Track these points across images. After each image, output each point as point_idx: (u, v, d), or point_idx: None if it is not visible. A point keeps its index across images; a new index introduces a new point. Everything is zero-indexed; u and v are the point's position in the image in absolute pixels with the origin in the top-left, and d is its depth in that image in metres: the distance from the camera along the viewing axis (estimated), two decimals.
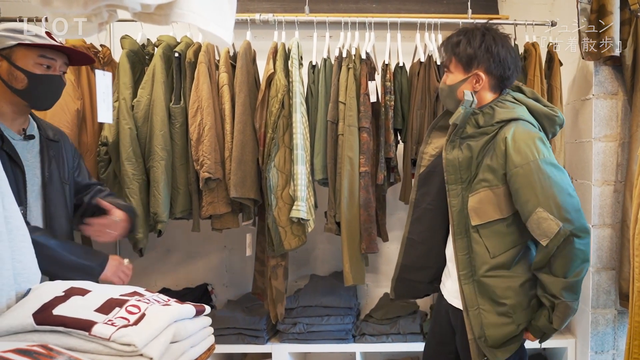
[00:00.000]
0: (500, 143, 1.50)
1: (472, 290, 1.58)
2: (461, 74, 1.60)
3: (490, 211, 1.53)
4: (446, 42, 1.64)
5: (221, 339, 2.43)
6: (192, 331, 1.05)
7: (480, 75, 1.58)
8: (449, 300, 1.70)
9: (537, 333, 1.60)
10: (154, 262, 2.88)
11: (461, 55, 1.58)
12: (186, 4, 1.00)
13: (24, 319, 0.91)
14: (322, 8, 2.69)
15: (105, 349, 0.89)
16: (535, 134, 1.52)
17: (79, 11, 0.97)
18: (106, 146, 2.19)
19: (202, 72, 2.17)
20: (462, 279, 1.59)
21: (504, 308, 1.56)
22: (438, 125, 1.75)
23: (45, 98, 1.57)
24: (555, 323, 1.54)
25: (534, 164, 1.46)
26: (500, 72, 1.58)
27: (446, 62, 1.64)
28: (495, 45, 1.57)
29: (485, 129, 1.55)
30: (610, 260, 2.31)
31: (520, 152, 1.48)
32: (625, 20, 2.15)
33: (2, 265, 0.98)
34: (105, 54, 2.36)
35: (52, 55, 1.53)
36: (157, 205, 2.14)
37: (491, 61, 1.56)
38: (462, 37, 1.59)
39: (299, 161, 2.15)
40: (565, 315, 1.53)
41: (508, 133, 1.50)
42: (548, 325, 1.55)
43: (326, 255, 2.88)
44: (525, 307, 1.58)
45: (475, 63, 1.57)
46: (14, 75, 1.49)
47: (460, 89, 1.59)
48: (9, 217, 1.04)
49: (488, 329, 1.56)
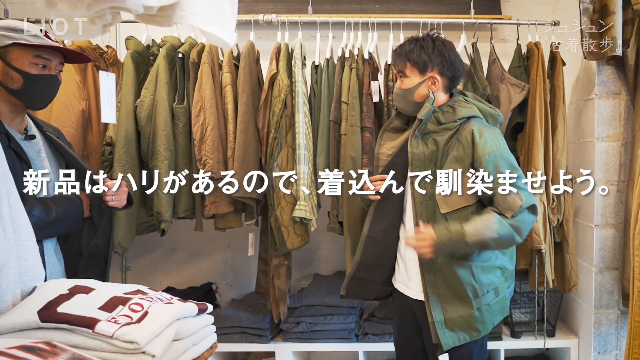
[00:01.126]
0: (467, 135, 1.67)
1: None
2: (417, 77, 1.73)
3: (458, 200, 1.67)
4: (399, 50, 1.77)
5: (225, 338, 2.45)
6: (195, 329, 1.06)
7: (436, 77, 1.73)
8: (414, 296, 1.78)
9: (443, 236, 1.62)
10: (158, 261, 2.90)
11: (416, 60, 1.72)
12: (188, 6, 1.01)
13: (29, 316, 0.93)
14: (325, 9, 2.70)
15: (109, 346, 0.90)
16: (495, 129, 1.74)
17: (82, 13, 0.98)
18: (110, 146, 2.21)
19: (205, 73, 2.19)
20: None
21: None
22: (390, 128, 1.87)
23: (40, 98, 1.56)
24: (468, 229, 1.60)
25: (498, 152, 1.67)
26: (452, 74, 1.75)
27: (401, 68, 1.75)
28: (445, 50, 1.73)
29: (447, 125, 1.70)
30: (613, 260, 2.30)
31: (487, 142, 1.66)
32: (627, 20, 2.14)
33: (8, 264, 1.00)
34: (111, 54, 2.38)
35: (48, 55, 1.52)
36: (160, 204, 2.16)
37: (444, 64, 1.73)
38: (414, 44, 1.73)
39: (301, 161, 2.16)
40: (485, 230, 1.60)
41: (473, 127, 1.67)
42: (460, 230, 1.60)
43: (330, 254, 2.89)
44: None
45: (430, 66, 1.72)
46: (10, 75, 1.48)
47: (418, 91, 1.73)
48: (14, 216, 1.05)
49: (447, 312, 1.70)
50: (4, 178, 1.03)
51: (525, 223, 1.64)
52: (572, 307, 2.59)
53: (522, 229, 1.64)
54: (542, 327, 2.45)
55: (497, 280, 1.73)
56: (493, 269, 1.72)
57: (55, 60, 1.55)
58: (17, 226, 1.06)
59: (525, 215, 1.63)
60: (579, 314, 2.50)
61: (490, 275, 1.72)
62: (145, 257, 2.88)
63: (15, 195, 1.07)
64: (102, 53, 2.35)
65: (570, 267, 2.32)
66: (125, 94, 2.19)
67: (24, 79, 1.49)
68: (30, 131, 1.58)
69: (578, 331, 2.50)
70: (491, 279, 1.72)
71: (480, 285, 1.69)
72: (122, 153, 2.15)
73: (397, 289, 1.86)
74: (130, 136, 2.18)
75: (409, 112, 1.79)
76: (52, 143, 1.62)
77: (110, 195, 1.65)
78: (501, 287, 1.75)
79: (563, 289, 2.36)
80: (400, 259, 1.83)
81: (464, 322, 1.69)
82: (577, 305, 2.53)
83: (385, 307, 2.61)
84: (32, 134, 1.58)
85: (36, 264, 1.11)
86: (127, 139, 2.17)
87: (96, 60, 2.31)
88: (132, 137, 2.19)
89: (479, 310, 1.70)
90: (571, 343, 2.48)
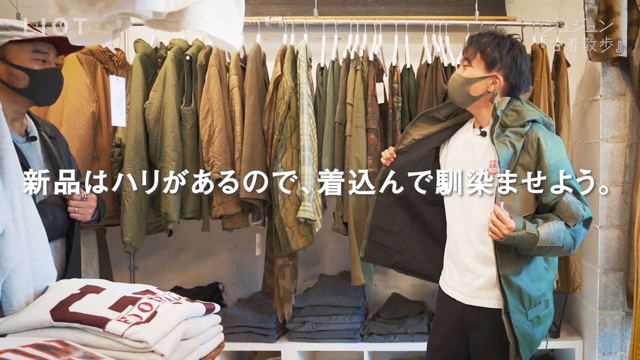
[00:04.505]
0: (533, 142, 1.62)
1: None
2: (482, 71, 1.68)
3: (520, 208, 1.62)
4: (476, 38, 1.72)
5: (231, 337, 2.47)
6: (202, 329, 1.08)
7: (499, 78, 1.68)
8: (465, 301, 1.73)
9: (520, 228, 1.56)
10: (166, 260, 2.93)
11: (487, 54, 1.67)
12: (196, 11, 1.04)
13: (42, 315, 0.95)
14: (330, 11, 2.72)
15: (119, 345, 0.92)
16: (558, 137, 1.71)
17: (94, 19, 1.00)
18: (120, 147, 2.24)
19: (212, 75, 2.21)
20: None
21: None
22: (430, 115, 1.86)
23: (48, 93, 1.54)
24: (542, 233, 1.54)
25: (563, 161, 1.63)
26: (516, 82, 1.70)
27: (469, 55, 1.70)
28: (520, 57, 1.69)
29: (516, 130, 1.63)
30: (618, 261, 2.30)
31: (552, 151, 1.62)
32: (633, 21, 2.14)
33: (21, 264, 1.02)
34: (120, 57, 2.41)
35: (45, 49, 1.49)
36: (167, 205, 2.18)
37: (513, 69, 1.68)
38: (493, 38, 1.69)
39: (306, 162, 2.18)
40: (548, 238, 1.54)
41: (539, 135, 1.62)
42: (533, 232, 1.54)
43: (335, 255, 2.91)
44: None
45: (498, 66, 1.67)
46: (14, 75, 1.45)
47: (476, 85, 1.68)
48: (27, 217, 1.08)
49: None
50: (17, 180, 1.06)
51: (581, 235, 1.61)
52: (577, 308, 2.59)
53: (578, 241, 1.61)
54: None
55: (546, 292, 1.69)
56: (541, 279, 1.67)
57: (51, 52, 1.52)
58: (30, 227, 1.09)
59: (581, 228, 1.61)
60: (583, 315, 2.50)
61: (540, 285, 1.67)
62: (153, 256, 2.91)
63: (27, 196, 1.10)
64: (112, 56, 2.38)
65: (575, 268, 2.32)
66: (134, 96, 2.21)
67: (30, 76, 1.46)
68: (31, 132, 1.55)
69: (583, 332, 2.51)
70: (541, 289, 1.67)
71: (534, 295, 1.64)
72: (132, 154, 2.18)
73: (444, 291, 1.82)
74: (140, 137, 2.21)
75: (457, 102, 1.75)
76: (44, 146, 1.59)
77: (73, 207, 1.54)
78: (550, 299, 1.71)
79: (567, 290, 2.36)
80: (450, 261, 1.80)
81: (527, 335, 1.64)
82: (581, 306, 2.53)
83: (390, 308, 2.63)
84: (33, 135, 1.55)
85: (48, 264, 1.14)
86: (137, 141, 2.20)
87: (106, 63, 2.34)
88: (141, 139, 2.22)
89: (532, 322, 1.65)
90: (576, 344, 2.48)
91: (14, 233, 1.00)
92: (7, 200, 1.01)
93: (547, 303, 1.70)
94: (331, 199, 2.44)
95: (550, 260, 1.71)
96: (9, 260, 0.99)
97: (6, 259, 0.98)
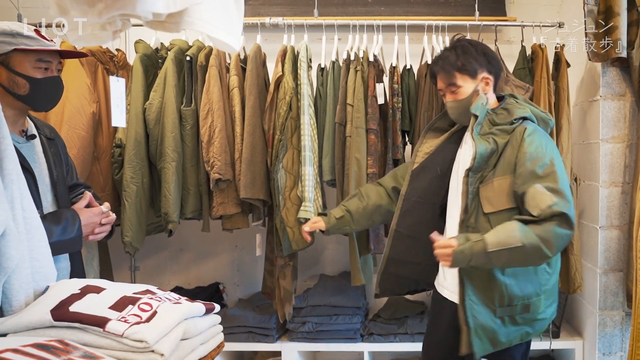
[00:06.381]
0: (518, 136, 1.62)
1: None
2: (470, 83, 1.71)
3: (504, 200, 1.61)
4: (439, 64, 1.73)
5: (232, 337, 2.47)
6: (202, 329, 1.08)
7: (488, 77, 1.72)
8: (451, 298, 1.73)
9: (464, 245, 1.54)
10: (166, 261, 2.94)
11: (466, 67, 1.69)
12: (196, 13, 1.04)
13: (42, 315, 0.95)
14: (331, 11, 2.72)
15: (119, 344, 0.93)
16: (547, 135, 1.69)
17: (94, 20, 1.01)
18: (120, 148, 2.25)
19: (213, 75, 2.22)
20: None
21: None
22: (434, 127, 1.87)
23: (47, 100, 1.56)
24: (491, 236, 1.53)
25: (542, 154, 1.59)
26: (497, 69, 1.74)
27: (450, 81, 1.71)
28: (483, 47, 1.74)
29: (504, 127, 1.65)
30: (617, 262, 2.31)
31: (532, 143, 1.60)
32: (632, 22, 2.14)
33: (21, 264, 1.03)
34: (121, 58, 2.42)
35: (48, 58, 1.51)
36: (167, 205, 2.19)
37: (489, 61, 1.72)
38: (454, 53, 1.71)
39: (306, 162, 2.19)
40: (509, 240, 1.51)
41: (525, 129, 1.62)
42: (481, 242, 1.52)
43: (335, 255, 2.91)
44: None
45: (480, 68, 1.71)
46: (15, 82, 1.47)
47: (473, 97, 1.69)
48: (27, 217, 1.08)
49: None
50: (17, 181, 1.06)
51: (555, 235, 1.51)
52: (577, 309, 2.59)
53: (552, 241, 1.51)
54: (547, 328, 2.45)
55: (532, 296, 1.63)
56: (528, 281, 1.63)
57: (55, 60, 1.54)
58: (30, 227, 1.09)
59: (554, 227, 1.51)
60: (583, 315, 2.50)
61: (525, 286, 1.62)
62: (153, 257, 2.92)
63: (27, 197, 1.10)
64: (112, 56, 2.39)
65: (575, 268, 2.32)
66: (134, 96, 2.22)
67: (30, 84, 1.48)
68: (30, 131, 1.56)
69: (583, 332, 2.51)
70: (525, 291, 1.62)
71: (513, 293, 1.61)
72: (132, 155, 2.19)
73: (437, 290, 1.81)
74: (140, 138, 2.21)
75: (466, 122, 1.72)
76: (43, 147, 1.60)
77: (97, 232, 1.59)
78: (538, 306, 1.64)
79: (568, 290, 2.36)
80: None
81: (489, 330, 1.62)
82: (581, 306, 2.53)
83: (390, 308, 2.63)
84: (33, 133, 1.57)
85: (48, 264, 1.14)
86: (137, 141, 2.20)
87: (106, 64, 2.35)
88: (142, 139, 2.22)
89: (502, 319, 1.62)
90: (576, 344, 2.48)
91: (15, 233, 1.01)
92: (7, 201, 1.02)
93: (529, 308, 1.63)
94: (331, 199, 2.44)
95: (552, 263, 1.67)
96: (10, 260, 0.99)
97: (7, 259, 0.99)
